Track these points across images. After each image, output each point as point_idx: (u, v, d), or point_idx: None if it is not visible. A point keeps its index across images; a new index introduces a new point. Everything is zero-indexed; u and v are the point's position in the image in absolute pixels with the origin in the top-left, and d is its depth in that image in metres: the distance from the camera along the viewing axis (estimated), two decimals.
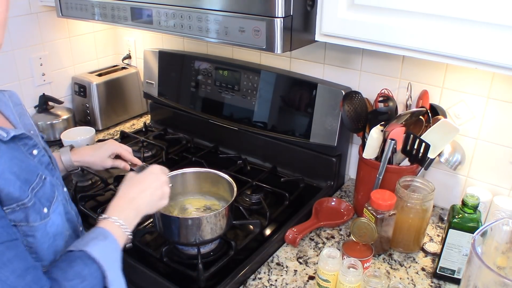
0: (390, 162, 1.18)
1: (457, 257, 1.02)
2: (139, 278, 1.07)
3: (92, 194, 1.35)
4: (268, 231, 1.21)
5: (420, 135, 1.13)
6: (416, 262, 1.13)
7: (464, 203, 0.98)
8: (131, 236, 0.85)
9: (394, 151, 1.17)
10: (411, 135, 1.13)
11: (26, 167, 0.74)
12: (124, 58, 1.97)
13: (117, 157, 1.20)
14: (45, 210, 0.76)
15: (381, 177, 1.17)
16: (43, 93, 1.71)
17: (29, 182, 0.73)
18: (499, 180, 1.22)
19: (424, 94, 1.22)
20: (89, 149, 1.18)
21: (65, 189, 0.89)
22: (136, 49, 1.93)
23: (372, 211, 1.08)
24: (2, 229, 0.67)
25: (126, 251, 1.10)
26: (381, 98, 1.24)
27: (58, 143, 1.67)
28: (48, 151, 0.87)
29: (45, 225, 0.76)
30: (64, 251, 0.78)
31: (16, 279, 0.66)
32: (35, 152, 0.79)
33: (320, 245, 1.19)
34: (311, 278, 1.07)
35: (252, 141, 1.54)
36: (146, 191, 0.92)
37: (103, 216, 0.84)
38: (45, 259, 0.77)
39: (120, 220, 0.83)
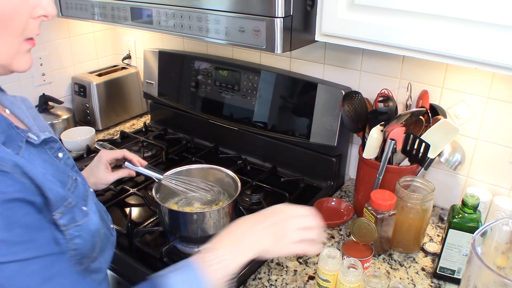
0: (390, 162, 1.18)
1: (457, 257, 1.02)
2: (139, 278, 1.07)
3: None
4: None
5: (420, 135, 1.13)
6: (416, 262, 1.13)
7: (464, 203, 0.98)
8: (233, 278, 0.74)
9: (394, 151, 1.17)
10: (411, 135, 1.13)
11: (57, 169, 0.73)
12: (124, 58, 1.97)
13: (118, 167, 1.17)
14: (84, 208, 0.75)
15: (381, 177, 1.17)
16: (43, 93, 1.70)
17: (65, 184, 0.72)
18: (499, 180, 1.22)
19: (424, 94, 1.22)
20: (85, 172, 1.13)
21: (91, 189, 0.85)
22: (136, 49, 1.93)
23: (372, 211, 1.08)
24: (49, 242, 0.65)
25: (125, 251, 1.12)
26: (381, 98, 1.24)
27: None
28: None
29: (87, 222, 0.74)
30: (100, 247, 0.77)
31: None
32: (60, 155, 0.77)
33: None
34: (311, 278, 1.07)
35: (252, 141, 1.54)
36: (264, 223, 0.80)
37: (201, 247, 0.76)
38: (88, 256, 0.75)
39: (218, 256, 0.74)
